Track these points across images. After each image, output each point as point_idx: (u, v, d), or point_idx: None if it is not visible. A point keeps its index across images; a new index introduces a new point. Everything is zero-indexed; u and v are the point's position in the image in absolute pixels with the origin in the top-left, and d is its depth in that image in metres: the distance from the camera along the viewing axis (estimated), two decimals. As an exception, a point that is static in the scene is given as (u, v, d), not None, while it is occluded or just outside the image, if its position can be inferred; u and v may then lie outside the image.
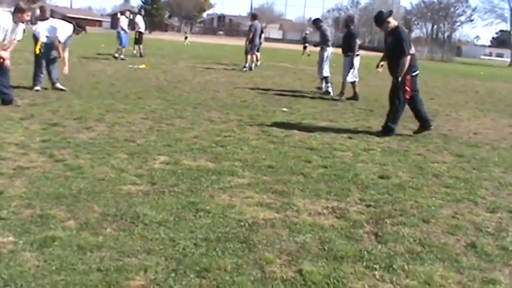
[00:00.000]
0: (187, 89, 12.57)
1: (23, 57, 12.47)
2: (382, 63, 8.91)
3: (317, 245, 3.88)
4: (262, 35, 20.65)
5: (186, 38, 48.47)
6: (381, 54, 9.28)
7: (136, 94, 10.99)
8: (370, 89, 15.41)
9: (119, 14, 22.57)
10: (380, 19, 8.41)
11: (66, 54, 10.78)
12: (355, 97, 12.77)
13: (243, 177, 5.49)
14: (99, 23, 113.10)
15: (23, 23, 8.81)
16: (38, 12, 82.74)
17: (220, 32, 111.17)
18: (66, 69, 10.79)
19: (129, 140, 6.82)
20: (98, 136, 6.91)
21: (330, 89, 13.52)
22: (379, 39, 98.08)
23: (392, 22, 8.33)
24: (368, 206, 4.86)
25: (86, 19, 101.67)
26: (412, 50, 8.30)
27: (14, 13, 8.59)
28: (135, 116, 8.53)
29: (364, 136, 8.26)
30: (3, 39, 8.51)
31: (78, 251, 3.47)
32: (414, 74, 8.39)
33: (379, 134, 8.46)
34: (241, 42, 28.19)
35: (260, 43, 20.48)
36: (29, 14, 8.81)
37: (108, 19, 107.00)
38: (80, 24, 11.01)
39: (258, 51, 20.75)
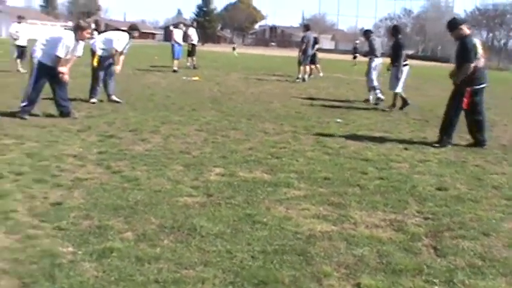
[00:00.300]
0: (241, 101, 12.64)
1: (80, 70, 12.76)
2: None
3: (375, 258, 3.80)
4: (316, 46, 20.53)
5: (234, 48, 48.79)
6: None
7: (191, 106, 11.10)
8: (426, 98, 15.15)
9: (171, 27, 22.87)
10: (453, 25, 8.25)
11: (121, 57, 11.11)
12: (405, 104, 12.50)
13: (299, 189, 5.45)
14: (152, 35, 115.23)
15: (83, 40, 9.06)
16: (93, 26, 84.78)
17: (272, 43, 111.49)
18: (118, 68, 11.07)
19: (185, 151, 6.88)
20: (154, 148, 7.00)
21: (380, 95, 13.32)
22: (432, 48, 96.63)
23: (465, 30, 8.14)
24: (426, 218, 4.75)
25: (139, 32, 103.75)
26: (481, 63, 8.10)
27: (74, 31, 8.85)
28: (190, 127, 8.61)
29: (420, 147, 8.09)
30: (65, 56, 8.76)
31: (136, 262, 3.50)
32: (478, 87, 8.16)
33: (434, 144, 8.27)
34: (293, 53, 28.21)
35: (314, 54, 20.40)
36: (89, 31, 9.08)
37: (161, 32, 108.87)
38: (133, 27, 11.44)
39: (316, 62, 20.74)
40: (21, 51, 17.44)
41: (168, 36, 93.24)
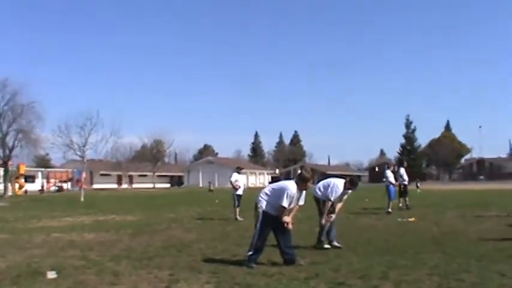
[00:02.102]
0: (464, 240, 11.88)
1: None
2: None
3: None
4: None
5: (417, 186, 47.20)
6: None
7: (414, 248, 10.65)
8: None
9: (386, 169, 22.78)
10: None
11: (339, 205, 11.17)
12: None
13: None
14: (357, 177, 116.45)
15: (305, 190, 9.36)
16: (298, 171, 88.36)
17: (481, 177, 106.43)
18: (327, 217, 10.95)
19: (420, 299, 6.49)
20: (387, 296, 6.70)
21: None
22: None
23: None
24: None
25: (343, 175, 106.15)
26: None
27: (297, 182, 9.20)
28: (419, 272, 8.16)
29: None
30: (289, 206, 9.08)
31: None
32: None
33: None
34: (504, 186, 26.45)
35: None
36: (312, 182, 9.36)
37: (366, 173, 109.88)
38: (352, 181, 11.34)
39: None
40: (239, 200, 18.53)
41: (373, 177, 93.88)
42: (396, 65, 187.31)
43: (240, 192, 19.11)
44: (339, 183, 11.10)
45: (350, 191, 11.30)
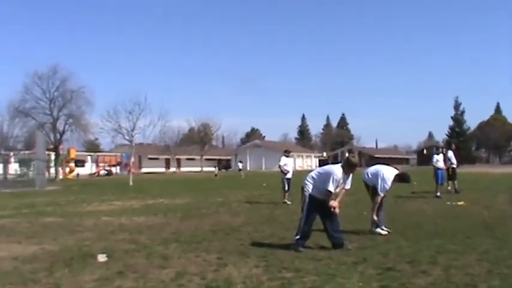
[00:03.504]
0: (517, 226, 11.62)
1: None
2: None
3: None
4: None
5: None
6: None
7: (463, 233, 10.47)
8: None
9: (435, 153, 22.37)
10: None
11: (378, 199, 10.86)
12: None
13: None
14: (405, 160, 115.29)
15: (352, 173, 9.30)
16: (346, 154, 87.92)
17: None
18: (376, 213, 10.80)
19: (470, 284, 6.41)
20: (436, 281, 6.63)
21: None
22: None
23: None
24: None
25: (391, 158, 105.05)
26: None
27: (344, 166, 9.18)
28: (469, 257, 8.04)
29: None
30: (336, 189, 9.05)
31: None
32: None
33: None
34: None
35: None
36: (357, 167, 9.30)
37: (414, 156, 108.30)
38: (403, 177, 10.89)
39: None
40: (289, 184, 18.53)
41: (421, 160, 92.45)
42: (445, 45, 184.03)
43: (289, 176, 19.10)
44: (389, 175, 10.71)
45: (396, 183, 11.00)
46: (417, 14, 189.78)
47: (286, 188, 18.83)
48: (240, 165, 64.19)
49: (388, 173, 10.80)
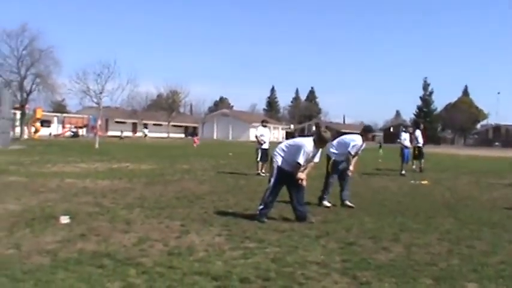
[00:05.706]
0: (477, 207, 11.77)
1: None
2: None
3: None
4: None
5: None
6: None
7: (426, 212, 10.60)
8: None
9: (402, 131, 22.60)
10: None
11: (354, 160, 11.24)
12: None
13: None
14: (372, 137, 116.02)
15: (322, 147, 9.33)
16: (313, 128, 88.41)
17: (497, 144, 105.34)
18: (351, 170, 11.25)
19: (430, 263, 6.47)
20: (397, 258, 6.68)
21: None
22: None
23: None
24: None
25: (358, 134, 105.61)
26: None
27: (316, 140, 9.17)
28: (430, 236, 8.14)
29: None
30: (304, 162, 9.05)
31: None
32: None
33: None
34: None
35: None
36: (327, 143, 9.43)
37: (381, 133, 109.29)
38: (366, 129, 11.91)
39: None
40: (265, 154, 18.30)
41: (387, 137, 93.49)
42: (416, 23, 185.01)
43: (265, 146, 18.74)
44: (356, 138, 11.17)
45: (365, 145, 11.41)
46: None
47: (262, 158, 18.50)
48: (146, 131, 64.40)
49: (355, 137, 11.28)
